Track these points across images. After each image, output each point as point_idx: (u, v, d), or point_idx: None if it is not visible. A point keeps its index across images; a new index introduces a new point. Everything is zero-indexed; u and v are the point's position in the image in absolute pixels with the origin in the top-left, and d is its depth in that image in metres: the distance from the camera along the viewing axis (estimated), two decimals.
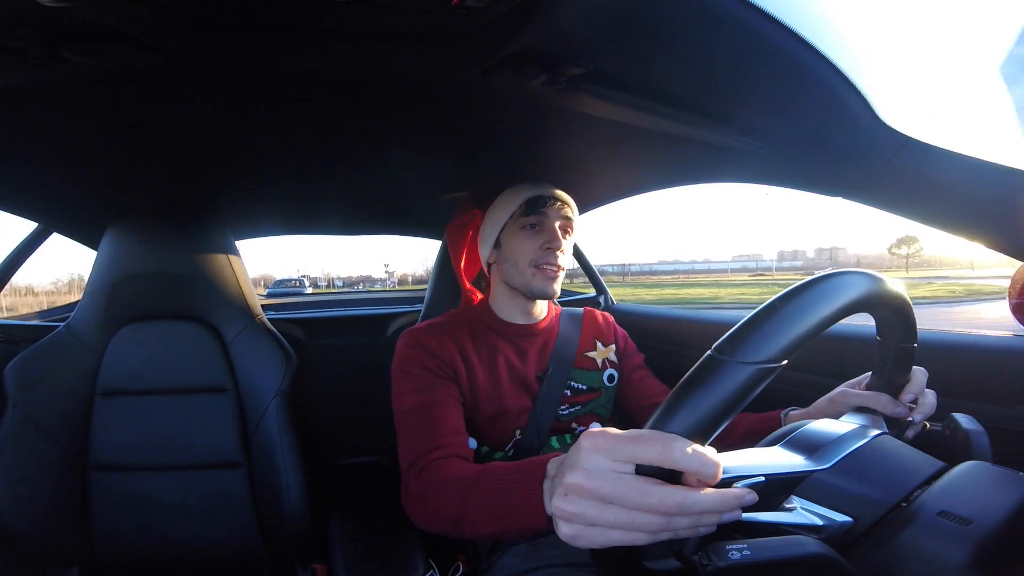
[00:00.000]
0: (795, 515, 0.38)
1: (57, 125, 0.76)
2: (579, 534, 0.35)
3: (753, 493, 0.34)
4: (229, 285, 1.05)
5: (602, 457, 0.34)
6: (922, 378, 0.53)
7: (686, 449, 0.32)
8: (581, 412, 0.85)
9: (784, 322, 0.34)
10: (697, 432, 0.33)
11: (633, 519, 0.33)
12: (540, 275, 0.82)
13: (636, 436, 0.34)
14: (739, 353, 0.33)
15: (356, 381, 1.46)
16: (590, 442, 0.35)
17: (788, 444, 0.43)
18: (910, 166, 0.58)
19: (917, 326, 0.47)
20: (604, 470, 0.34)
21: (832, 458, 0.41)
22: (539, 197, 0.82)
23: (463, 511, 0.55)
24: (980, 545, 0.33)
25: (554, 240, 0.81)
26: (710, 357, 0.34)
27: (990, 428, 0.46)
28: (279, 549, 1.02)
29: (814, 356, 0.85)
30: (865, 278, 0.39)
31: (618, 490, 0.33)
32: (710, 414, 0.33)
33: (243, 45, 0.56)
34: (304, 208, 1.37)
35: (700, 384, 0.34)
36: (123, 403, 1.00)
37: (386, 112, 0.79)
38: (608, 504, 0.33)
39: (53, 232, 1.21)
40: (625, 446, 0.34)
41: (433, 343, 0.79)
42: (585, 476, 0.34)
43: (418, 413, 0.72)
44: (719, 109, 0.65)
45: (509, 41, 0.54)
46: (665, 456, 0.32)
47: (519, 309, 0.86)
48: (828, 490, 0.38)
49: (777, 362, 0.33)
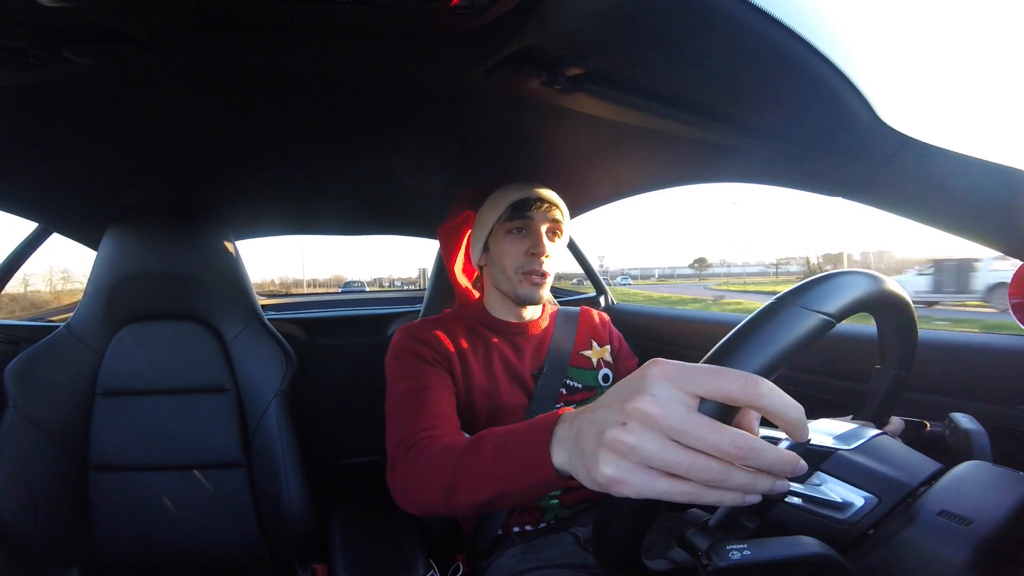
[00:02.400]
0: (823, 489, 0.39)
1: (57, 125, 0.76)
2: (626, 476, 0.31)
3: (804, 462, 0.31)
4: (229, 285, 1.05)
5: (672, 386, 0.31)
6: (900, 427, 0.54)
7: (772, 388, 0.29)
8: None
9: (843, 286, 0.37)
10: (763, 369, 0.32)
11: (693, 462, 0.29)
12: (526, 281, 0.80)
13: (713, 369, 0.31)
14: (804, 300, 0.35)
15: (356, 381, 1.46)
16: (658, 370, 0.32)
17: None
18: (910, 166, 0.58)
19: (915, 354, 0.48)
20: (674, 401, 0.30)
21: (855, 441, 0.42)
22: (524, 200, 0.80)
23: (456, 477, 0.51)
24: (980, 545, 0.33)
25: (538, 245, 0.79)
26: (780, 299, 0.36)
27: (990, 428, 0.47)
28: (279, 549, 1.02)
29: (814, 356, 0.85)
30: (884, 281, 0.41)
31: (689, 424, 0.29)
32: (775, 354, 0.33)
33: (243, 45, 0.56)
34: (304, 208, 1.37)
35: (768, 323, 0.34)
36: (123, 403, 1.00)
37: (386, 112, 0.79)
38: (671, 441, 0.30)
39: (53, 232, 1.21)
40: (703, 377, 0.30)
41: (428, 336, 0.79)
42: (654, 403, 0.30)
43: (409, 395, 0.71)
44: (719, 109, 0.65)
45: (509, 41, 0.54)
46: (750, 391, 0.29)
47: (512, 311, 0.86)
48: (854, 468, 0.40)
49: (836, 317, 0.35)
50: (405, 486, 0.61)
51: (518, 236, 0.81)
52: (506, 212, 0.81)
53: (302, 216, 1.46)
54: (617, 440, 0.31)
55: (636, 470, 0.31)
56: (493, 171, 1.03)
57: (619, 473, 0.31)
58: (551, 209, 0.81)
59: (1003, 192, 0.54)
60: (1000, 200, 0.55)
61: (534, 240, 0.80)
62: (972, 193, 0.56)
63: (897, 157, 0.58)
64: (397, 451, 0.65)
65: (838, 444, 0.42)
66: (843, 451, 0.41)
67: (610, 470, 0.31)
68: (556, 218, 0.82)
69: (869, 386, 0.53)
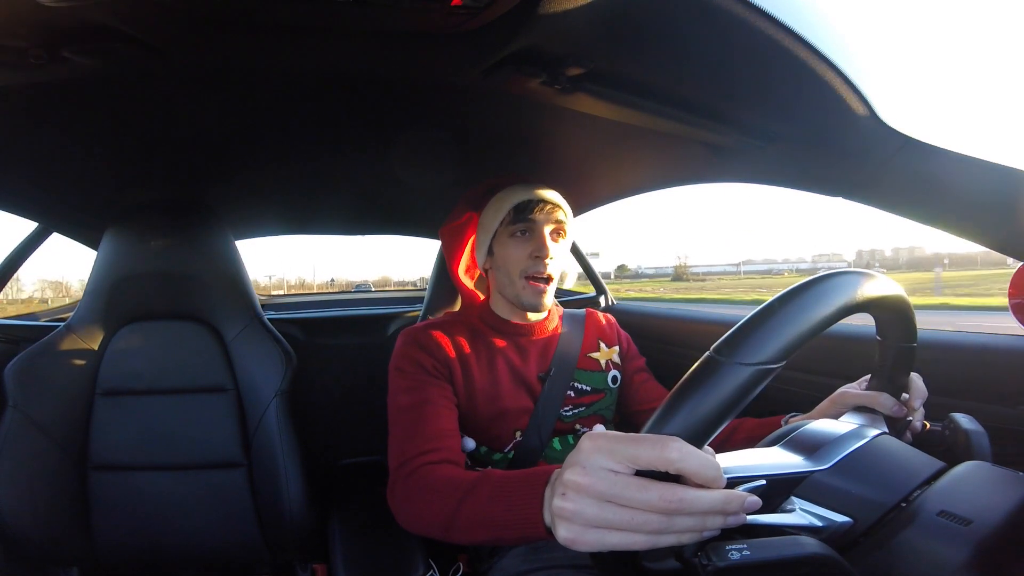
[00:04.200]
0: (795, 516, 0.38)
1: (57, 125, 0.76)
2: (578, 537, 0.35)
3: (756, 497, 0.34)
4: (229, 285, 1.05)
5: (602, 457, 0.34)
6: (921, 383, 0.53)
7: (684, 451, 0.32)
8: (585, 413, 0.85)
9: (782, 323, 0.34)
10: (695, 434, 0.33)
11: (632, 518, 0.33)
12: (529, 288, 0.80)
13: (635, 438, 0.34)
14: (737, 354, 0.33)
15: (356, 381, 1.46)
16: (591, 443, 0.35)
17: (787, 444, 0.43)
18: (910, 166, 0.58)
19: (916, 326, 0.47)
20: (604, 468, 0.34)
21: (831, 458, 0.41)
22: (527, 202, 0.79)
23: (456, 516, 0.55)
24: (980, 545, 0.33)
25: (541, 248, 0.78)
26: (708, 358, 0.34)
27: (990, 428, 0.46)
28: (279, 549, 1.02)
29: (814, 356, 0.85)
30: (863, 278, 0.38)
31: (616, 487, 0.33)
32: (708, 416, 0.33)
33: (243, 45, 0.56)
34: (304, 208, 1.37)
35: (698, 386, 0.33)
36: (123, 403, 1.00)
37: (386, 112, 0.79)
38: (607, 503, 0.33)
39: (53, 232, 1.21)
40: (625, 447, 0.34)
41: (429, 342, 0.79)
42: (583, 473, 0.34)
43: (410, 412, 0.72)
44: (719, 109, 0.65)
45: (509, 41, 0.54)
46: (663, 457, 0.32)
47: (518, 313, 0.86)
48: (827, 491, 0.38)
49: (776, 363, 0.33)
50: (405, 511, 0.64)
51: (522, 239, 0.81)
52: (509, 215, 0.80)
53: (302, 216, 1.46)
54: (561, 508, 0.35)
55: (585, 531, 0.34)
56: (494, 171, 1.03)
57: (571, 535, 0.35)
58: (554, 210, 0.81)
59: (1003, 192, 0.54)
60: (1000, 200, 0.55)
61: (538, 243, 0.79)
62: (972, 193, 0.56)
63: (897, 157, 0.58)
64: (397, 474, 0.67)
65: (813, 465, 0.40)
66: (818, 472, 0.39)
67: (563, 532, 0.36)
68: (560, 219, 0.82)
69: (875, 360, 0.52)
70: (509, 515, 0.47)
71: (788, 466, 0.40)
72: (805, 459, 0.41)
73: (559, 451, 0.81)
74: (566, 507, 0.35)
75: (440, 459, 0.66)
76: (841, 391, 0.58)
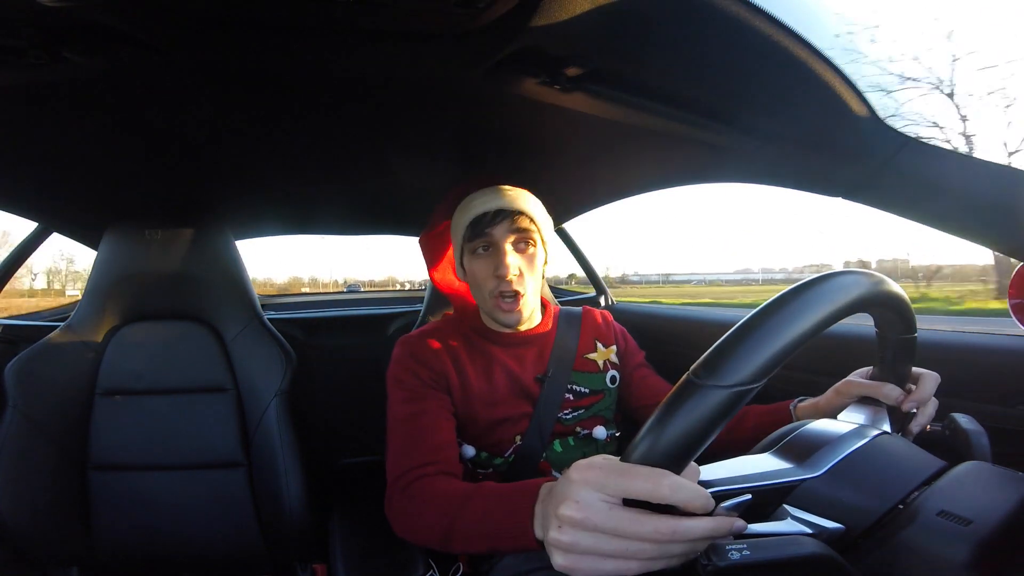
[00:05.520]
0: (785, 524, 0.38)
1: (57, 125, 0.76)
2: (575, 564, 0.35)
3: (743, 522, 0.35)
4: (229, 285, 1.05)
5: (592, 490, 0.35)
6: (932, 384, 0.53)
7: (675, 485, 0.33)
8: (585, 415, 0.84)
9: (760, 341, 0.33)
10: (677, 459, 0.34)
11: (627, 547, 0.34)
12: (499, 308, 0.75)
13: (625, 470, 0.35)
14: (715, 376, 0.33)
15: (356, 381, 1.46)
16: (580, 475, 0.36)
17: (779, 451, 0.43)
18: (910, 166, 0.58)
19: (913, 315, 0.46)
20: (596, 502, 0.35)
21: (824, 465, 0.40)
22: (482, 216, 0.73)
23: (452, 527, 0.56)
24: (980, 545, 0.32)
25: (501, 266, 0.72)
26: (687, 381, 0.34)
27: (990, 428, 0.46)
28: (279, 549, 1.02)
29: (814, 356, 0.85)
30: (852, 278, 0.37)
31: (611, 521, 0.34)
32: (688, 441, 0.33)
33: (243, 45, 0.56)
34: (304, 208, 1.37)
35: (677, 410, 0.33)
36: (123, 403, 1.00)
37: (386, 112, 0.79)
38: (602, 534, 0.34)
39: (53, 232, 1.21)
40: (617, 482, 0.34)
41: (425, 352, 0.78)
42: (577, 508, 0.35)
43: (407, 424, 0.72)
44: (719, 109, 0.65)
45: (509, 41, 0.54)
46: (654, 491, 0.33)
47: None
48: (818, 498, 0.38)
49: (755, 383, 0.33)
50: (402, 523, 0.65)
51: (484, 255, 0.76)
52: (467, 231, 0.75)
53: (302, 216, 1.46)
54: (557, 540, 0.36)
55: (581, 559, 0.35)
56: (493, 171, 1.03)
57: (568, 563, 0.36)
58: (517, 219, 0.74)
59: (1003, 192, 0.54)
60: (1000, 200, 0.55)
61: (497, 261, 0.74)
62: (972, 193, 0.56)
63: (897, 157, 0.58)
64: (394, 487, 0.67)
65: (804, 472, 0.40)
66: (810, 480, 0.39)
67: (560, 560, 0.36)
68: (523, 227, 0.75)
69: (877, 352, 0.52)
70: (503, 528, 0.49)
71: (778, 474, 0.40)
72: (796, 466, 0.41)
73: (560, 453, 0.81)
74: (562, 540, 0.36)
75: (436, 471, 0.66)
76: (846, 380, 0.58)
